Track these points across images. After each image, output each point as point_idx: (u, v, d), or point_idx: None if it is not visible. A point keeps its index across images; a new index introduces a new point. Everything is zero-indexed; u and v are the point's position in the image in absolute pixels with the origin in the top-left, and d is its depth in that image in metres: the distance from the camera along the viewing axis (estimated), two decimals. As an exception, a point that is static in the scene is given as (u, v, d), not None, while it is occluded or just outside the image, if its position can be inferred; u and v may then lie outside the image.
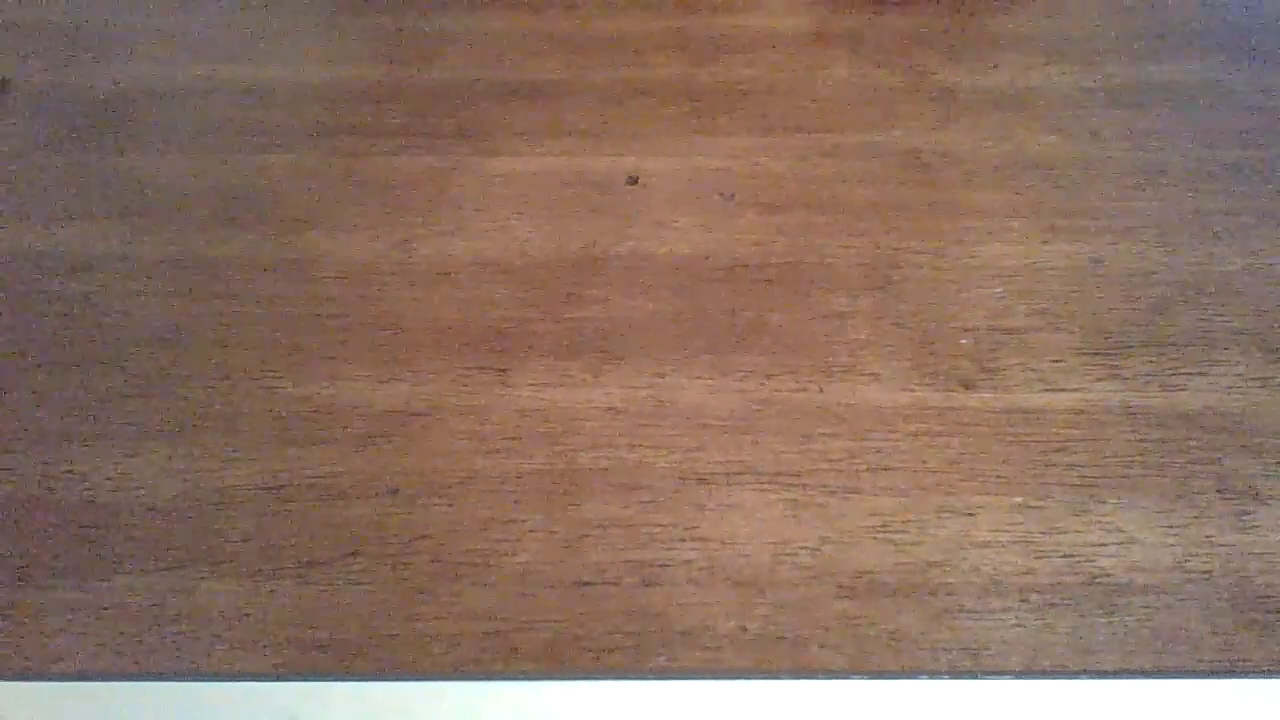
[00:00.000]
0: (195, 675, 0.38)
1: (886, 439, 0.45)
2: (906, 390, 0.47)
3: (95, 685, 0.38)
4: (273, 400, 0.47)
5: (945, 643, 0.39)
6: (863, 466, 0.44)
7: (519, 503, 0.43)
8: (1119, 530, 0.42)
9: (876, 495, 0.43)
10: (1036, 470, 0.44)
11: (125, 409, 0.46)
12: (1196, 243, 0.53)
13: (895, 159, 0.58)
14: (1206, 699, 0.37)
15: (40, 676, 0.38)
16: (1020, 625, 0.39)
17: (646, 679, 0.38)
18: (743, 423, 0.46)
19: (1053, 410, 0.46)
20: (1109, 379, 0.47)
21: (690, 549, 0.41)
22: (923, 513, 0.42)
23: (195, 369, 0.48)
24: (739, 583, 0.41)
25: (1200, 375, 0.47)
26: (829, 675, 0.38)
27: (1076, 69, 0.65)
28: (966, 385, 0.47)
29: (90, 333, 0.50)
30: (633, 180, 0.57)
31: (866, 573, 0.41)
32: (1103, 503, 0.43)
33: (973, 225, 0.54)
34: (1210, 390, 0.47)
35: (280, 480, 0.44)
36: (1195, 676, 0.38)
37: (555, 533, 0.42)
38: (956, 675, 0.38)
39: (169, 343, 0.49)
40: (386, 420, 0.46)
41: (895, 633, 0.39)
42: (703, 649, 0.39)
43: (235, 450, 0.45)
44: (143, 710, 0.37)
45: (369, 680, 0.38)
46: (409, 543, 0.42)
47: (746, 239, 0.54)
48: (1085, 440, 0.45)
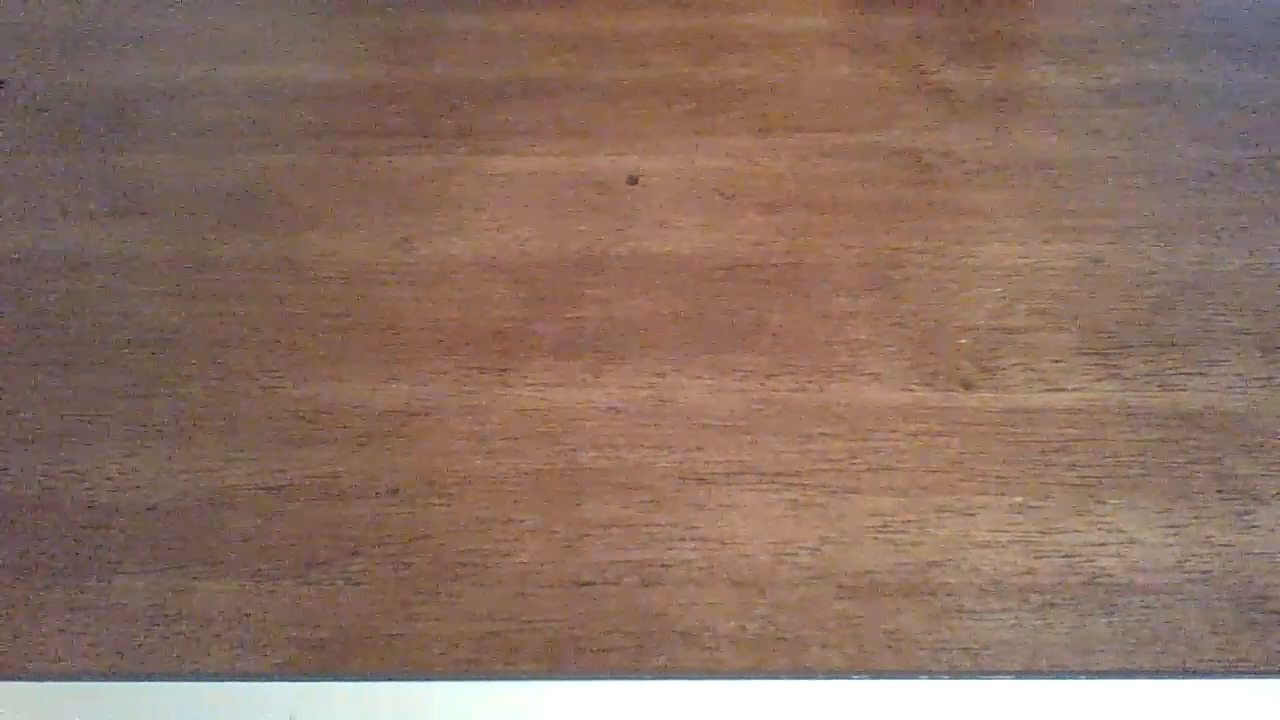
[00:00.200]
0: (195, 675, 0.38)
1: (886, 439, 0.45)
2: (906, 390, 0.47)
3: (95, 685, 0.38)
4: (272, 400, 0.47)
5: (945, 643, 0.39)
6: (863, 466, 0.44)
7: (519, 502, 0.43)
8: (1119, 530, 0.42)
9: (876, 495, 0.43)
10: (1036, 470, 0.44)
11: (125, 409, 0.46)
12: (1196, 243, 0.53)
13: (895, 159, 0.58)
14: (1206, 699, 0.37)
15: (40, 676, 0.38)
16: (1020, 625, 0.39)
17: (646, 679, 0.38)
18: (743, 423, 0.46)
19: (1053, 410, 0.46)
20: (1109, 379, 0.47)
21: (690, 549, 0.41)
22: (923, 513, 0.42)
23: (195, 369, 0.48)
24: (739, 583, 0.40)
25: (1200, 375, 0.47)
26: (829, 675, 0.38)
27: (1076, 69, 0.65)
28: (966, 385, 0.47)
29: (90, 333, 0.50)
30: (633, 180, 0.57)
31: (866, 573, 0.41)
32: (1103, 503, 0.43)
33: (973, 225, 0.54)
34: (1210, 390, 0.47)
35: (280, 480, 0.44)
36: (1195, 676, 0.38)
37: (555, 533, 0.42)
38: (956, 675, 0.38)
39: (169, 343, 0.49)
40: (386, 420, 0.46)
41: (895, 633, 0.39)
42: (702, 649, 0.39)
43: (235, 450, 0.45)
44: (143, 710, 0.37)
45: (369, 680, 0.38)
46: (409, 543, 0.42)
47: (746, 239, 0.54)
48: (1085, 440, 0.45)
